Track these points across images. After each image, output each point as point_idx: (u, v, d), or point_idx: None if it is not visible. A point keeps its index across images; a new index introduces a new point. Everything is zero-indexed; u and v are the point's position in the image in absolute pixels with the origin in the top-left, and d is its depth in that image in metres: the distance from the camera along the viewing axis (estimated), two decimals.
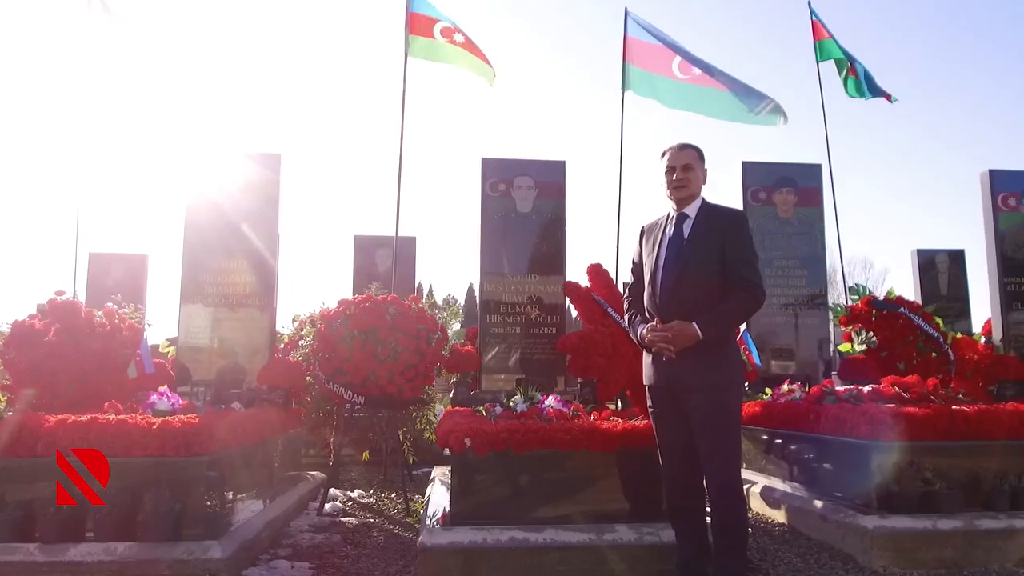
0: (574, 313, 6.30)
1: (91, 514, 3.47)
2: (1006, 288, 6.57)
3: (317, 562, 3.94)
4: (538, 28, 71.48)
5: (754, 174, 6.36)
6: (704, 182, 3.43)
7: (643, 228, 3.61)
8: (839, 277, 8.58)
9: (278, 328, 6.15)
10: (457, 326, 12.43)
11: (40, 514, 3.45)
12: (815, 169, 6.45)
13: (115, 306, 6.21)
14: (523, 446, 3.71)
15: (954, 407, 4.21)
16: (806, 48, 8.09)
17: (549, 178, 6.05)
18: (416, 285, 11.78)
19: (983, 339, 7.41)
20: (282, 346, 6.28)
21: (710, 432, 3.14)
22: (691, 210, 3.37)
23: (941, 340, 6.30)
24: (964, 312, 9.75)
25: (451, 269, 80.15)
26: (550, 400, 4.71)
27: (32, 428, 3.60)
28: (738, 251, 3.26)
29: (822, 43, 7.69)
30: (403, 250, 6.98)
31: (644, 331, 3.31)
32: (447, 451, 3.87)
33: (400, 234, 7.16)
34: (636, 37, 7.49)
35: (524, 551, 3.51)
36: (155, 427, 3.61)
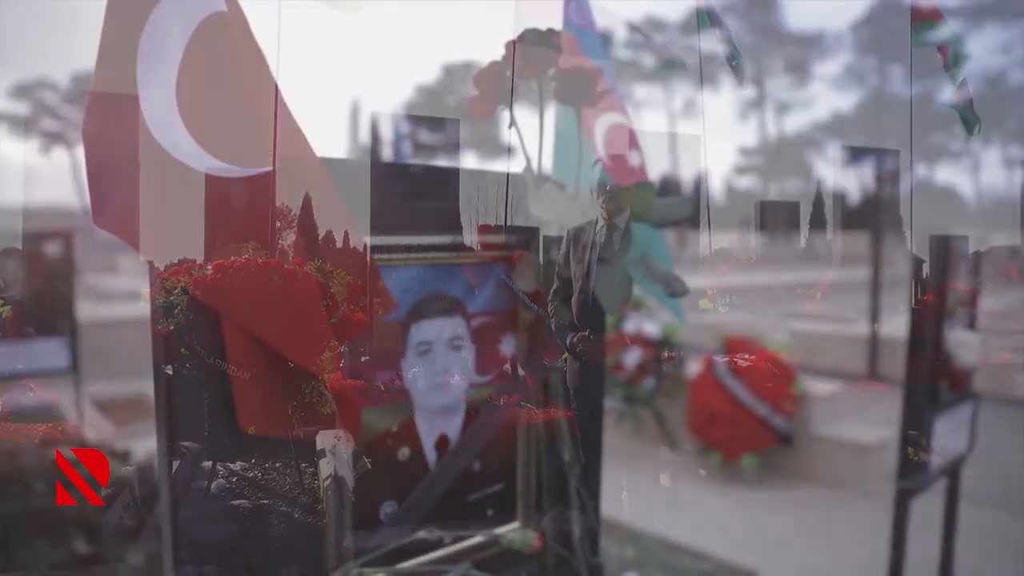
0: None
1: None
2: None
3: (225, 564, 3.79)
4: None
5: None
6: None
7: (570, 232, 3.63)
8: None
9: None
10: None
11: None
12: None
13: None
14: None
15: None
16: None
17: (443, 137, 5.84)
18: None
19: None
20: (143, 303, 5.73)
21: None
22: (621, 222, 3.44)
23: None
24: None
25: None
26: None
27: None
28: None
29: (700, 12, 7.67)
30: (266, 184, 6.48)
31: (576, 339, 3.40)
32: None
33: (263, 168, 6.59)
34: None
35: None
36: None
